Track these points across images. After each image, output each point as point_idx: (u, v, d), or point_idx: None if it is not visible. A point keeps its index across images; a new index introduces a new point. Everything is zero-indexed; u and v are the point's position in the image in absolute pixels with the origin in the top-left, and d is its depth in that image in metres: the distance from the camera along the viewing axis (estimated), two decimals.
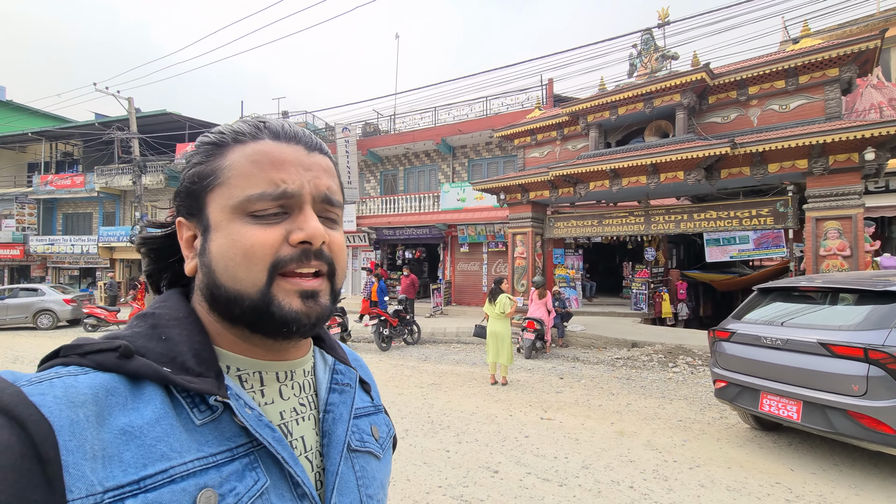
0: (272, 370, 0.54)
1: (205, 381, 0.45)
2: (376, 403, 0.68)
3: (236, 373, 0.51)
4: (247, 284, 0.48)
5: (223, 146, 0.52)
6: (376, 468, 0.61)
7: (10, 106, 23.37)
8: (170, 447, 0.41)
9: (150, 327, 0.48)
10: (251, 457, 0.46)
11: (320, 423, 0.57)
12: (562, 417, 4.96)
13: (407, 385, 6.38)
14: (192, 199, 0.52)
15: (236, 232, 0.48)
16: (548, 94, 14.37)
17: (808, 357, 3.49)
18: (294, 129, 0.54)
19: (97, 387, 0.41)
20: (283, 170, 0.50)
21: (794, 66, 7.20)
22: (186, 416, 0.44)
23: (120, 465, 0.38)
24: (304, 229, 0.49)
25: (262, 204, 0.49)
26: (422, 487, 3.35)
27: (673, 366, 7.53)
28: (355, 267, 17.87)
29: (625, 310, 12.77)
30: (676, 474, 3.56)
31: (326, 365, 0.63)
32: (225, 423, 0.46)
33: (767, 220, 7.92)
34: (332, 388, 0.60)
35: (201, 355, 0.47)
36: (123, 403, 0.41)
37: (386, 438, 0.66)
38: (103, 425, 0.39)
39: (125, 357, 0.43)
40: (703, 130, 8.20)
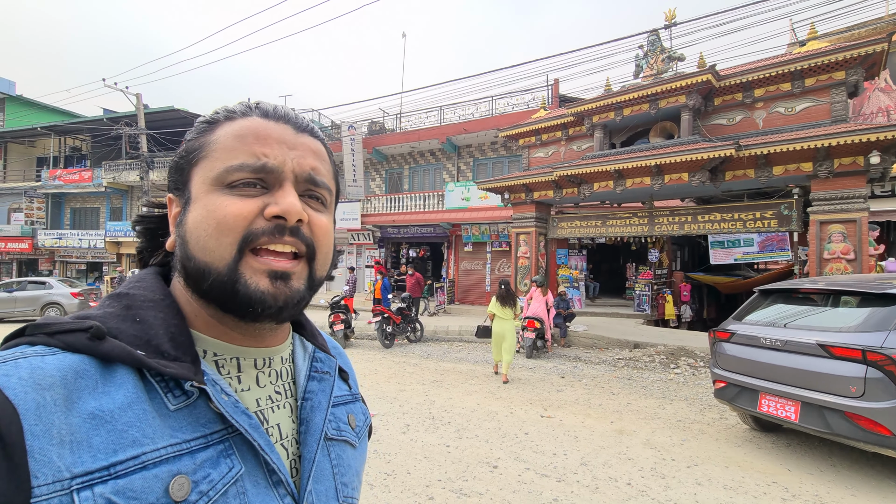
0: (250, 356, 0.53)
1: (180, 366, 0.44)
2: (354, 392, 0.68)
3: (213, 358, 0.50)
4: (215, 257, 0.46)
5: (215, 123, 0.52)
6: (352, 456, 0.61)
7: (19, 101, 23.61)
8: (142, 433, 0.40)
9: (123, 308, 0.47)
10: (226, 443, 0.45)
11: (298, 410, 0.56)
12: (562, 415, 5.00)
13: (409, 382, 6.43)
14: (180, 173, 0.52)
15: (212, 202, 0.48)
16: (553, 95, 14.38)
17: (807, 358, 3.52)
18: (285, 111, 0.54)
19: (66, 368, 0.39)
20: (266, 145, 0.50)
21: (801, 68, 7.19)
22: (160, 400, 0.43)
23: (89, 450, 0.37)
24: (279, 203, 0.48)
25: (239, 174, 0.48)
26: (422, 481, 3.40)
27: (674, 367, 7.54)
28: (359, 265, 17.96)
29: (628, 311, 12.77)
30: (674, 472, 3.59)
31: (306, 352, 0.62)
32: (200, 408, 0.45)
33: (772, 222, 7.92)
34: (311, 376, 0.59)
35: (177, 339, 0.46)
36: (93, 387, 0.40)
37: (362, 427, 0.66)
38: (72, 409, 0.38)
39: (96, 338, 0.41)
40: (708, 132, 8.20)
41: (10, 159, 23.36)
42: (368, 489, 3.25)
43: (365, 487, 3.27)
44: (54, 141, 22.02)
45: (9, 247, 21.16)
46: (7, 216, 22.43)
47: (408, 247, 17.64)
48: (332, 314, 9.39)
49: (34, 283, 13.90)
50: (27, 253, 21.38)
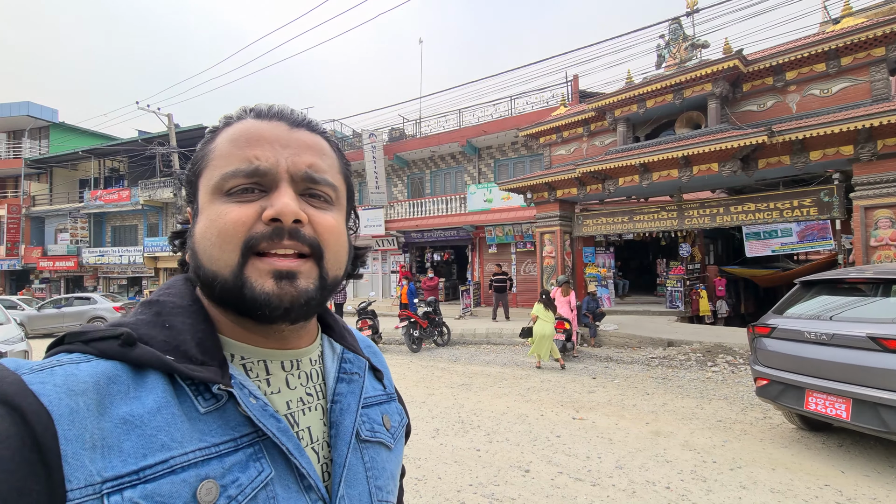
0: (277, 359, 0.52)
1: (208, 370, 0.44)
2: (389, 391, 0.66)
3: (241, 361, 0.50)
4: (221, 265, 0.47)
5: (216, 132, 0.52)
6: (386, 458, 0.59)
7: (62, 127, 24.99)
8: (171, 437, 0.40)
9: (154, 315, 0.48)
10: (255, 447, 0.45)
11: (328, 413, 0.55)
12: (594, 417, 4.87)
13: (437, 385, 6.41)
14: (191, 186, 0.53)
15: (214, 212, 0.48)
16: (573, 90, 14.17)
17: (858, 352, 3.31)
18: (280, 108, 0.53)
19: (99, 374, 0.40)
20: (257, 146, 0.49)
21: (836, 47, 6.83)
22: (190, 404, 0.43)
23: (119, 454, 0.38)
24: (273, 205, 0.47)
25: (234, 181, 0.48)
26: (453, 486, 3.37)
27: (712, 365, 7.25)
28: (385, 270, 18.11)
29: (659, 308, 12.39)
30: (716, 475, 3.43)
31: (335, 353, 0.61)
32: (229, 412, 0.45)
33: (811, 210, 7.53)
34: (340, 378, 0.58)
35: (205, 343, 0.46)
36: (125, 392, 0.40)
37: (398, 428, 0.64)
38: (104, 414, 0.39)
39: (128, 344, 0.42)
40: (737, 120, 7.89)
41: (56, 183, 24.74)
42: None
43: None
44: (94, 163, 23.20)
45: (57, 265, 22.36)
46: (54, 236, 23.73)
47: (432, 251, 17.68)
48: (359, 320, 9.49)
49: (80, 298, 14.63)
50: (73, 271, 22.54)
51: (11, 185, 24.82)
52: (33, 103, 23.79)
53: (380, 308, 13.69)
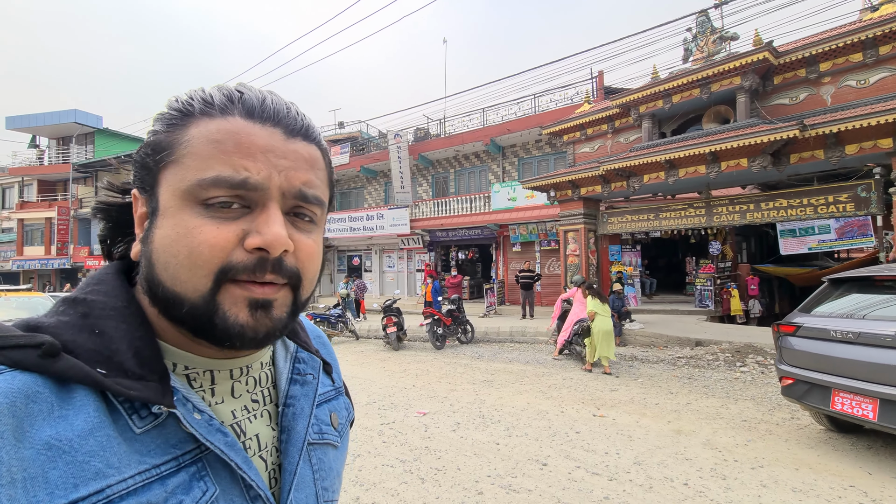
0: (226, 367, 0.48)
1: (147, 387, 0.39)
2: (337, 386, 0.63)
3: (184, 371, 0.45)
4: (188, 288, 0.41)
5: (189, 116, 0.44)
6: (333, 458, 0.57)
7: (106, 133, 26.39)
8: (106, 462, 0.35)
9: (80, 316, 0.41)
10: (199, 464, 0.41)
11: (279, 417, 0.52)
12: (615, 415, 4.88)
13: (459, 381, 6.53)
14: (146, 171, 0.45)
15: (184, 224, 0.41)
16: (598, 87, 14.00)
17: (885, 351, 3.23)
18: (276, 108, 0.45)
19: (15, 392, 0.34)
20: (248, 155, 0.42)
21: (873, 36, 6.56)
22: (125, 423, 0.39)
23: (45, 486, 0.33)
24: (261, 233, 0.42)
25: (215, 191, 0.41)
26: (471, 476, 3.48)
27: (741, 365, 7.10)
28: (410, 269, 18.36)
29: (688, 307, 12.12)
30: (736, 474, 3.42)
31: (288, 353, 0.57)
32: (170, 428, 0.41)
33: (847, 206, 7.25)
34: (293, 380, 0.55)
35: (142, 354, 0.41)
36: (48, 411, 0.35)
37: (344, 424, 0.62)
38: (23, 440, 0.33)
39: (49, 356, 0.36)
40: (768, 113, 7.67)
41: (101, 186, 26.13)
42: (420, 483, 3.38)
43: (416, 481, 3.40)
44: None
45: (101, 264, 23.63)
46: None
47: (457, 249, 17.80)
48: (384, 317, 9.71)
49: None
50: None
51: (61, 188, 26.40)
52: (80, 111, 25.21)
53: (405, 306, 13.93)
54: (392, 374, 7.22)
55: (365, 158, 18.87)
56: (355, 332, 11.09)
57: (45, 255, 24.98)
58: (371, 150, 20.13)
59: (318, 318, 10.49)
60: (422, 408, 5.27)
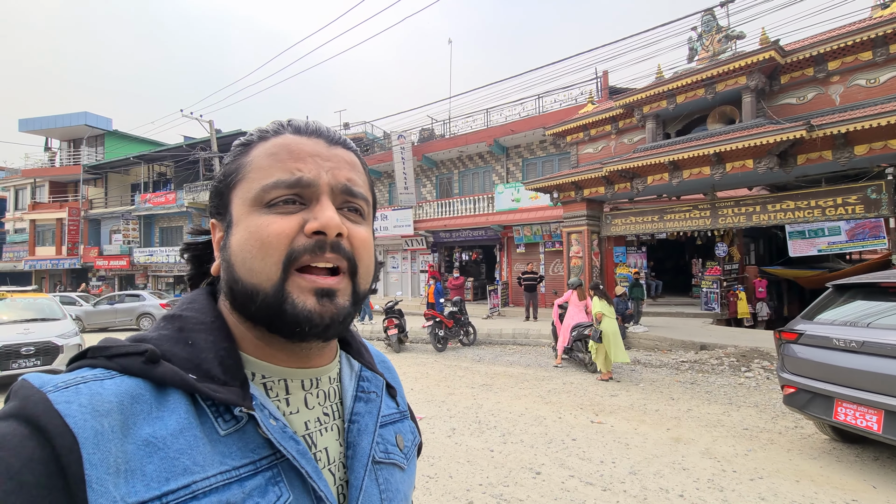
0: (297, 378, 0.52)
1: (230, 391, 0.44)
2: (402, 409, 0.66)
3: (261, 380, 0.49)
4: (262, 278, 0.46)
5: (249, 145, 0.52)
6: (400, 480, 0.58)
7: (116, 135, 26.71)
8: (193, 460, 0.40)
9: (176, 330, 0.47)
10: (274, 470, 0.44)
11: (345, 433, 0.55)
12: (613, 421, 4.80)
13: (458, 385, 6.48)
14: (220, 198, 0.52)
15: (254, 223, 0.47)
16: (603, 87, 13.86)
17: (890, 361, 3.12)
18: (317, 125, 0.54)
19: (123, 393, 0.39)
20: (299, 160, 0.49)
21: (884, 34, 6.40)
22: (211, 425, 0.43)
23: (143, 479, 0.37)
24: (318, 218, 0.48)
25: (276, 192, 0.48)
26: (463, 485, 3.43)
27: (746, 370, 6.96)
28: (414, 270, 18.34)
29: (694, 310, 11.96)
30: (734, 485, 3.33)
31: (353, 371, 0.60)
32: (249, 433, 0.44)
33: (856, 208, 7.09)
34: (357, 397, 0.58)
35: (226, 362, 0.46)
36: (148, 412, 0.40)
37: (411, 448, 0.64)
38: (127, 435, 0.38)
39: (151, 362, 0.42)
40: (774, 114, 7.52)
41: (110, 187, 26.47)
42: None
43: None
44: (144, 168, 24.64)
45: (111, 264, 23.94)
46: (109, 237, 25.42)
47: (460, 250, 17.75)
48: (386, 318, 9.68)
49: (131, 296, 15.60)
50: (125, 269, 24.07)
51: (72, 189, 26.78)
52: (90, 113, 25.53)
53: (408, 307, 13.89)
54: None
55: (369, 159, 18.87)
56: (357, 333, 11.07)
57: (57, 255, 25.35)
58: (376, 151, 20.15)
59: None
60: (418, 412, 5.22)
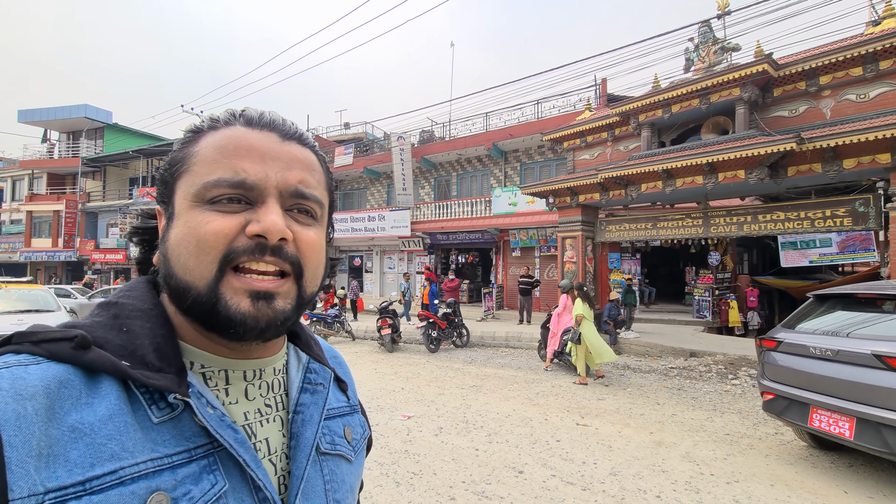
0: (239, 369, 0.51)
1: (164, 377, 0.43)
2: (352, 403, 0.66)
3: (200, 370, 0.49)
4: (196, 276, 0.45)
5: (199, 133, 0.50)
6: (346, 471, 0.58)
7: (115, 128, 26.71)
8: (121, 446, 0.39)
9: (111, 317, 0.46)
10: (210, 458, 0.44)
11: (289, 424, 0.54)
12: (598, 424, 4.88)
13: (448, 386, 6.55)
14: (165, 185, 0.51)
15: (194, 219, 0.46)
16: (601, 94, 14.00)
17: (863, 370, 3.22)
18: (272, 117, 0.51)
19: (49, 378, 0.38)
20: (246, 157, 0.47)
21: (874, 50, 6.52)
22: (144, 413, 0.42)
23: (65, 464, 0.36)
24: (260, 221, 0.46)
25: (218, 190, 0.46)
26: (446, 481, 3.50)
27: (733, 378, 7.06)
28: (410, 271, 18.40)
29: (686, 317, 12.07)
30: (710, 487, 3.42)
31: (300, 363, 0.60)
32: (185, 421, 0.44)
33: (845, 220, 7.20)
34: (303, 388, 0.57)
35: (163, 349, 0.45)
36: (77, 397, 0.39)
37: (360, 440, 0.64)
38: (52, 420, 0.37)
39: (81, 347, 0.41)
40: (767, 125, 7.63)
41: (109, 180, 26.46)
42: (394, 486, 3.40)
43: (391, 485, 3.43)
44: (143, 162, 24.64)
45: (107, 258, 23.93)
46: (106, 230, 25.41)
47: (457, 253, 17.82)
48: (379, 318, 9.75)
49: None
50: (122, 263, 24.03)
51: (70, 182, 26.75)
52: (90, 106, 25.54)
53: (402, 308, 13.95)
54: (382, 375, 7.26)
55: (368, 159, 18.96)
56: (351, 332, 11.14)
57: (53, 247, 25.30)
58: (375, 152, 20.22)
59: (315, 317, 10.54)
60: (407, 411, 5.30)
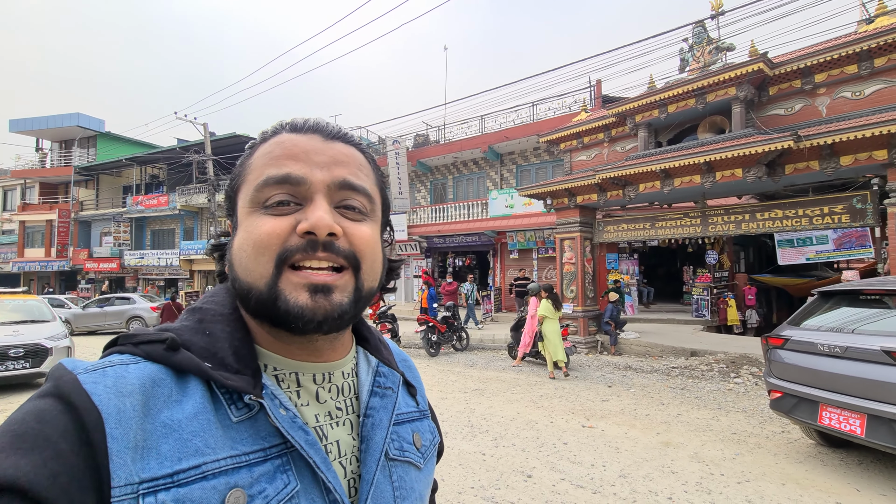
0: (309, 371, 0.53)
1: (241, 379, 0.45)
2: (422, 408, 0.65)
3: (273, 372, 0.50)
4: (256, 276, 0.47)
5: (253, 148, 0.54)
6: (415, 479, 0.58)
7: (108, 136, 26.52)
8: (205, 443, 0.41)
9: (197, 321, 0.49)
10: (284, 458, 0.45)
11: (359, 427, 0.55)
12: (604, 426, 4.84)
13: (451, 390, 6.49)
14: (230, 200, 0.55)
15: (251, 224, 0.49)
16: (596, 95, 14.05)
17: (872, 366, 3.20)
18: (316, 122, 0.53)
19: (145, 377, 0.42)
20: (292, 157, 0.50)
21: (868, 48, 6.56)
22: (224, 412, 0.44)
23: (157, 457, 0.39)
24: (308, 218, 0.48)
25: (268, 191, 0.48)
26: (454, 487, 3.45)
27: (735, 376, 7.05)
28: (407, 275, 18.34)
29: (685, 317, 12.08)
30: (721, 488, 3.38)
31: (370, 367, 0.61)
32: (260, 422, 0.46)
33: (842, 217, 7.23)
34: (373, 392, 0.58)
35: (240, 352, 0.47)
36: (168, 395, 0.42)
37: (429, 447, 0.63)
38: (147, 416, 0.40)
39: (171, 349, 0.44)
40: (763, 124, 7.66)
41: (102, 189, 26.24)
42: None
43: None
44: (136, 170, 24.48)
45: (101, 266, 23.69)
46: (99, 239, 25.16)
47: (454, 256, 17.78)
48: (379, 323, 9.69)
49: (121, 298, 15.46)
50: (116, 272, 23.82)
51: (62, 190, 26.52)
52: (83, 114, 25.34)
53: (402, 312, 13.88)
54: None
55: None
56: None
57: (46, 256, 25.04)
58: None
59: None
60: None
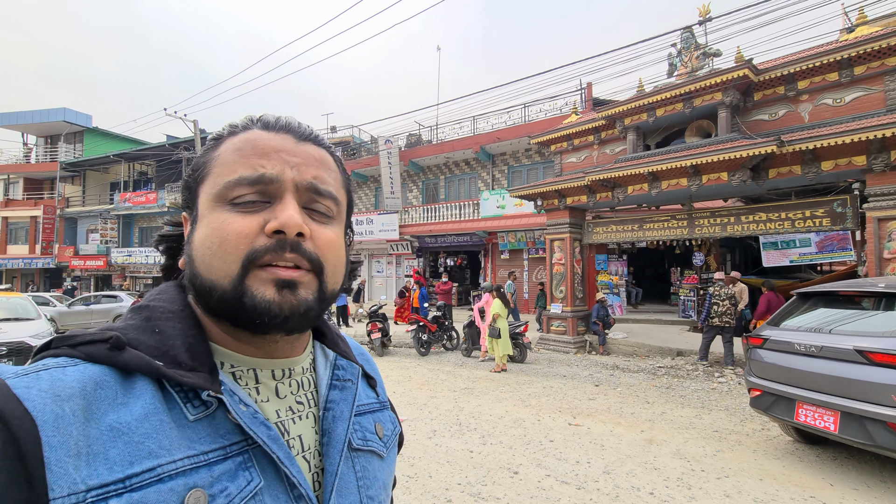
0: (267, 368, 0.52)
1: (197, 376, 0.43)
2: (382, 400, 0.66)
3: (230, 369, 0.49)
4: (220, 275, 0.46)
5: (219, 139, 0.52)
6: (378, 468, 0.58)
7: (95, 132, 26.14)
8: (158, 444, 0.39)
9: (143, 319, 0.47)
10: (245, 455, 0.44)
11: (320, 421, 0.55)
12: (590, 424, 4.93)
13: (440, 389, 6.55)
14: (189, 191, 0.52)
15: (216, 220, 0.47)
16: (587, 98, 14.20)
17: (845, 365, 3.32)
18: (288, 121, 0.53)
19: (86, 379, 0.39)
20: (264, 156, 0.49)
21: (849, 56, 6.74)
22: (179, 411, 0.43)
23: (105, 462, 0.37)
24: (278, 217, 0.47)
25: (239, 189, 0.47)
26: (442, 484, 3.50)
27: (719, 376, 7.20)
28: (399, 274, 18.36)
29: (672, 317, 12.27)
30: (702, 483, 3.48)
31: (328, 360, 0.61)
32: (219, 419, 0.44)
33: (823, 221, 7.41)
34: (332, 385, 0.58)
35: (195, 349, 0.46)
36: (113, 397, 0.40)
37: (391, 437, 0.64)
38: (90, 420, 0.38)
39: (116, 348, 0.42)
40: (748, 129, 7.83)
41: (88, 185, 25.88)
42: None
43: None
44: (124, 167, 24.18)
45: (87, 264, 23.36)
46: (86, 237, 24.82)
47: (445, 256, 17.84)
48: (369, 322, 9.70)
49: (107, 296, 15.28)
50: (102, 269, 23.51)
51: (47, 187, 26.08)
52: (69, 109, 24.96)
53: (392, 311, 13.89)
54: None
55: (356, 163, 18.90)
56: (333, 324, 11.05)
57: (30, 254, 24.62)
58: (362, 155, 20.18)
59: None
60: (401, 414, 5.21)
